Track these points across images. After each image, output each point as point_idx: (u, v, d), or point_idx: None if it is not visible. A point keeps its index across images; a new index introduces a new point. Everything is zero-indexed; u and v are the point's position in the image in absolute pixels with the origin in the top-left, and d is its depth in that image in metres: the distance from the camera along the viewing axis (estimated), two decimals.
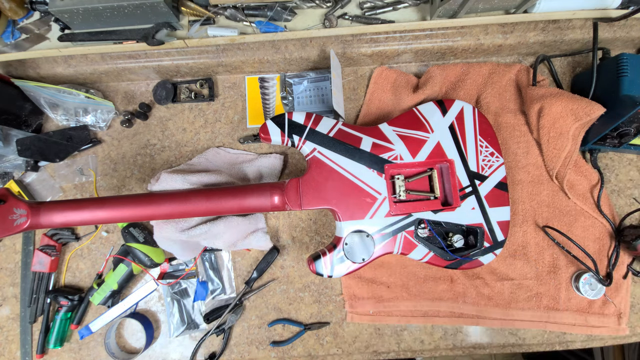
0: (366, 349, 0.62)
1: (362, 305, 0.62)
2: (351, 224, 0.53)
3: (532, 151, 0.64)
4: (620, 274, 0.61)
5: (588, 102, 0.57)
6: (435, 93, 0.65)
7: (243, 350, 0.63)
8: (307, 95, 0.69)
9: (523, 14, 0.59)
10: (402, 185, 0.54)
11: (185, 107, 0.71)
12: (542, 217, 0.62)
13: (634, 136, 0.56)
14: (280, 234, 0.66)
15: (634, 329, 0.61)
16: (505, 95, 0.66)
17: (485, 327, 0.61)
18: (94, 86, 0.73)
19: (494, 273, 0.62)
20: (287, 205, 0.53)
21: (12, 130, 0.64)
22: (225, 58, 0.65)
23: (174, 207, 0.52)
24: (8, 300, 0.66)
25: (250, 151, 0.69)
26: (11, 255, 0.68)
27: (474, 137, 0.57)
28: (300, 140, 0.54)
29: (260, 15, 0.61)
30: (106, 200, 0.52)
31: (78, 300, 0.64)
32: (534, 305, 0.61)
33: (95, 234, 0.67)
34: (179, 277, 0.64)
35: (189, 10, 0.61)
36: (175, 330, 0.63)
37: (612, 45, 0.65)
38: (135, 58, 0.66)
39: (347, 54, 0.65)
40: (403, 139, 0.56)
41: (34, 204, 0.49)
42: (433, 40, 0.63)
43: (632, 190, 0.64)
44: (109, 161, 0.70)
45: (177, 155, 0.70)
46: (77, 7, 0.55)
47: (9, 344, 0.65)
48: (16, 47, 0.62)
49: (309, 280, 0.64)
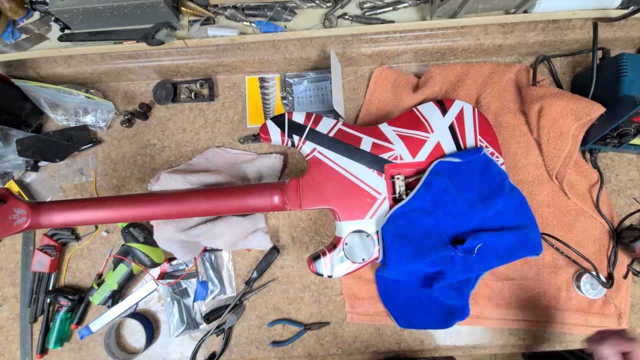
0: (366, 349, 0.62)
1: (362, 305, 0.62)
2: (351, 224, 0.53)
3: (532, 151, 0.64)
4: (620, 274, 0.61)
5: (588, 102, 0.57)
6: (435, 93, 0.65)
7: (243, 350, 0.63)
8: (307, 95, 0.69)
9: (523, 14, 0.59)
10: (402, 185, 0.54)
11: (185, 107, 0.71)
12: (542, 217, 0.62)
13: (634, 136, 0.56)
14: (280, 234, 0.66)
15: (634, 329, 0.60)
16: (505, 95, 0.66)
17: (485, 327, 0.61)
18: (94, 86, 0.73)
19: (494, 273, 0.62)
20: (287, 205, 0.53)
21: (12, 130, 0.64)
22: (225, 58, 0.65)
23: (174, 207, 0.52)
24: (8, 300, 0.66)
25: (250, 151, 0.69)
26: (11, 255, 0.68)
27: (474, 137, 0.57)
28: (300, 140, 0.54)
29: (260, 15, 0.61)
30: (106, 200, 0.52)
31: (78, 300, 0.64)
32: (534, 305, 0.61)
33: (95, 234, 0.67)
34: (179, 277, 0.64)
35: (189, 10, 0.61)
36: (175, 330, 0.63)
37: (612, 45, 0.65)
38: (135, 58, 0.66)
39: (347, 54, 0.65)
40: (403, 139, 0.56)
41: (34, 204, 0.49)
42: (433, 40, 0.63)
43: (632, 190, 0.64)
44: (109, 161, 0.70)
45: (177, 155, 0.70)
46: (77, 7, 0.55)
47: (9, 344, 0.65)
48: (16, 47, 0.62)
49: (309, 280, 0.64)
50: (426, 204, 0.53)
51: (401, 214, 0.52)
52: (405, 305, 0.59)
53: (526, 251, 0.55)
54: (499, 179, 0.55)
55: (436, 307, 0.58)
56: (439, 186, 0.53)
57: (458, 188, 0.54)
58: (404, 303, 0.59)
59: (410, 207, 0.53)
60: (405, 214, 0.52)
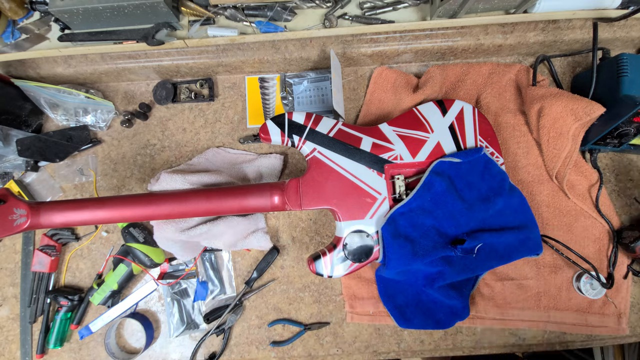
0: (366, 349, 0.62)
1: (362, 305, 0.62)
2: (351, 224, 0.53)
3: (532, 151, 0.63)
4: (620, 274, 0.60)
5: (588, 102, 0.56)
6: (435, 93, 0.65)
7: (243, 350, 0.63)
8: (307, 95, 0.69)
9: (523, 14, 0.59)
10: (402, 185, 0.54)
11: (185, 107, 0.71)
12: (542, 217, 0.62)
13: (634, 136, 0.56)
14: (280, 234, 0.66)
15: (634, 329, 0.60)
16: (505, 95, 0.66)
17: (485, 327, 0.61)
18: (94, 86, 0.73)
19: (494, 273, 0.62)
20: (287, 205, 0.53)
21: (12, 130, 0.64)
22: (225, 58, 0.65)
23: (174, 207, 0.52)
24: (8, 300, 0.66)
25: (250, 151, 0.69)
26: (11, 255, 0.68)
27: (474, 137, 0.57)
28: (300, 140, 0.54)
29: (260, 15, 0.61)
30: (106, 200, 0.52)
31: (78, 300, 0.64)
32: (534, 305, 0.61)
33: (95, 234, 0.67)
34: (179, 277, 0.64)
35: (189, 10, 0.61)
36: (175, 331, 0.63)
37: (612, 45, 0.65)
38: (135, 58, 0.66)
39: (347, 54, 0.65)
40: (403, 139, 0.56)
41: (34, 204, 0.49)
42: (433, 40, 0.63)
43: (632, 190, 0.64)
44: (109, 161, 0.70)
45: (177, 155, 0.70)
46: (77, 7, 0.55)
47: (9, 344, 0.65)
48: (16, 47, 0.62)
49: (309, 280, 0.64)
50: (426, 204, 0.53)
51: (401, 214, 0.52)
52: (405, 305, 0.59)
53: (526, 251, 0.55)
54: (499, 179, 0.55)
55: (436, 307, 0.58)
56: (439, 186, 0.53)
57: (458, 188, 0.54)
58: (404, 303, 0.59)
59: (410, 207, 0.53)
60: (405, 214, 0.52)
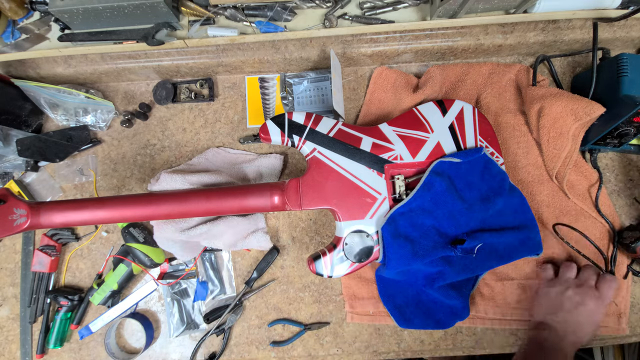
0: (366, 349, 0.62)
1: (362, 305, 0.62)
2: (351, 224, 0.53)
3: (532, 151, 0.63)
4: (621, 274, 0.60)
5: (588, 102, 0.56)
6: (435, 93, 0.65)
7: (243, 350, 0.63)
8: (307, 95, 0.69)
9: (523, 14, 0.59)
10: (402, 185, 0.54)
11: (185, 107, 0.71)
12: (542, 217, 0.62)
13: (633, 136, 0.56)
14: (280, 234, 0.66)
15: (634, 329, 0.60)
16: (505, 95, 0.66)
17: (485, 327, 0.61)
18: (94, 86, 0.73)
19: (494, 273, 0.62)
20: (287, 205, 0.53)
21: (12, 130, 0.64)
22: (225, 58, 0.65)
23: (174, 207, 0.52)
24: (8, 300, 0.66)
25: (250, 151, 0.69)
26: (11, 255, 0.68)
27: (474, 137, 0.57)
28: (300, 140, 0.54)
29: (260, 15, 0.61)
30: (106, 200, 0.52)
31: (78, 300, 0.64)
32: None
33: (95, 234, 0.67)
34: (179, 277, 0.64)
35: (189, 10, 0.61)
36: (175, 330, 0.63)
37: (612, 45, 0.65)
38: (135, 58, 0.66)
39: (347, 54, 0.65)
40: (403, 139, 0.56)
41: (34, 204, 0.49)
42: (433, 40, 0.63)
43: (632, 190, 0.64)
44: (109, 161, 0.70)
45: (177, 155, 0.70)
46: (77, 7, 0.55)
47: (9, 344, 0.65)
48: (16, 47, 0.62)
49: (309, 280, 0.64)
50: (426, 204, 0.53)
51: (401, 214, 0.52)
52: (405, 305, 0.59)
53: (526, 251, 0.55)
54: (499, 179, 0.55)
55: (436, 307, 0.58)
56: (439, 186, 0.53)
57: (458, 188, 0.54)
58: (404, 303, 0.59)
59: (410, 207, 0.53)
60: (405, 214, 0.52)
